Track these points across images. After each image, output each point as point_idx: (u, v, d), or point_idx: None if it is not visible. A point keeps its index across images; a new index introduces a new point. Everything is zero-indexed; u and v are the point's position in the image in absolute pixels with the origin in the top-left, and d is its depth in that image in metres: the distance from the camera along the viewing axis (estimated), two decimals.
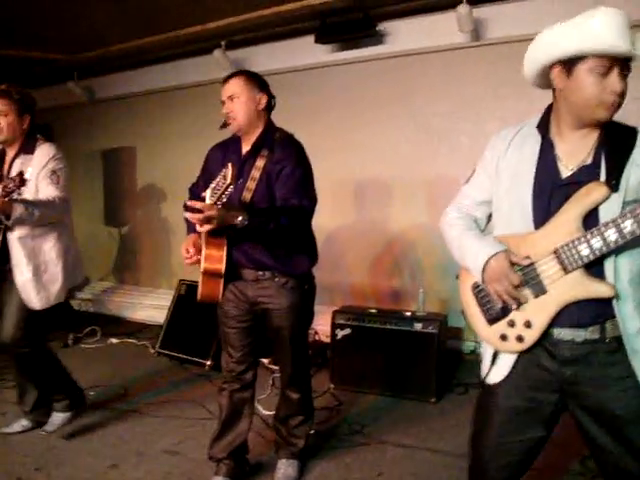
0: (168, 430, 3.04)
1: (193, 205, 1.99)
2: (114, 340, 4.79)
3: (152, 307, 5.50)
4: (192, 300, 2.41)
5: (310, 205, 2.29)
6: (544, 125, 1.50)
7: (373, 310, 3.68)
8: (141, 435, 2.99)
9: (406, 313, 3.58)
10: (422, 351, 3.38)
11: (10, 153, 2.77)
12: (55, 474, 2.59)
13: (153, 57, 5.23)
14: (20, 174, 2.49)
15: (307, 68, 4.71)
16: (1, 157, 2.79)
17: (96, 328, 4.91)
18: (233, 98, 2.27)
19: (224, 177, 2.01)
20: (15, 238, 2.64)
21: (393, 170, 4.43)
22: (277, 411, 2.61)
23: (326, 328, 3.81)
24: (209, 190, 2.10)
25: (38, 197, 2.64)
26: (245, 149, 2.34)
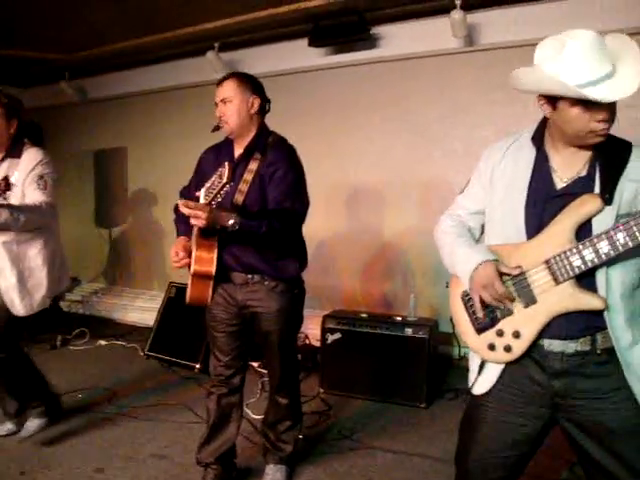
0: (156, 434, 3.02)
1: (186, 204, 1.98)
2: (103, 342, 4.76)
3: (142, 309, 5.47)
4: (182, 303, 2.39)
5: (302, 209, 2.29)
6: (539, 137, 1.50)
7: (364, 315, 3.67)
8: (128, 439, 2.96)
9: (397, 318, 3.58)
10: (413, 356, 3.37)
11: None
12: (41, 478, 2.56)
13: (147, 57, 5.20)
14: (5, 178, 2.45)
15: (300, 71, 4.70)
16: None
17: (85, 330, 4.87)
18: (226, 101, 2.26)
19: (220, 176, 2.00)
20: None
21: (386, 174, 4.43)
22: (265, 416, 2.59)
23: (317, 332, 3.80)
24: (203, 190, 2.09)
25: (25, 202, 2.59)
26: (238, 152, 2.33)
